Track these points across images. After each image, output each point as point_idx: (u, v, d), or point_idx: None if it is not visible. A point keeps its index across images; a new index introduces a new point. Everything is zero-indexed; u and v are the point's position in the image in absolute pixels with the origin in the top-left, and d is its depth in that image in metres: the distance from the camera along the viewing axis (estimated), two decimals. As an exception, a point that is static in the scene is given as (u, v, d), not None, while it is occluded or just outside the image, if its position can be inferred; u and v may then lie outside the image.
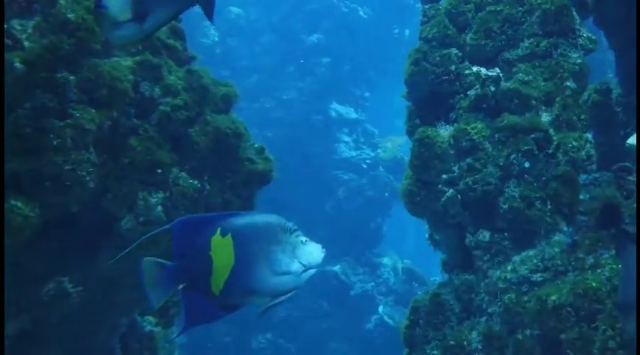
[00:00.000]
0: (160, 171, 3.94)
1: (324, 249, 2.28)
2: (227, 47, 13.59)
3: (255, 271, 2.18)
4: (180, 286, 2.15)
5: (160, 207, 3.96)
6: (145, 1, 2.77)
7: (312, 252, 2.25)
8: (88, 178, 3.55)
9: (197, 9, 2.62)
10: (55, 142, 3.40)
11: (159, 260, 2.14)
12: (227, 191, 4.21)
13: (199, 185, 4.11)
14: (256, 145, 4.44)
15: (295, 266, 2.22)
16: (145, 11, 2.76)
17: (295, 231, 2.24)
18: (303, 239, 2.25)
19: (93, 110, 3.58)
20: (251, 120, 12.18)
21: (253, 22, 13.98)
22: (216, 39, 13.42)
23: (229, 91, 4.44)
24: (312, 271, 2.26)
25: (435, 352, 4.14)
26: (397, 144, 13.37)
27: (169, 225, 2.18)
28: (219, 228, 2.17)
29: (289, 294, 2.24)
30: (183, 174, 4.07)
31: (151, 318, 4.87)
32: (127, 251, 2.93)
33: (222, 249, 2.15)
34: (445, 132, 4.34)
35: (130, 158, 3.80)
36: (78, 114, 3.50)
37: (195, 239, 2.17)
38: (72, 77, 3.50)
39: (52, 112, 3.43)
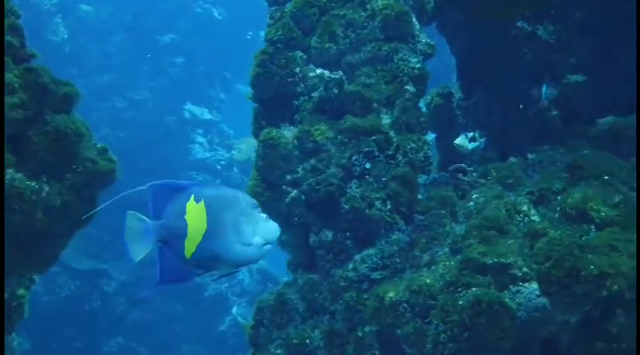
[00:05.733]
0: (-6, 172, 3.79)
1: (279, 229, 2.38)
2: (77, 45, 13.18)
3: (225, 239, 2.26)
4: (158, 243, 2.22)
5: (-6, 210, 3.81)
6: None
7: (271, 229, 2.34)
8: None
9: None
10: None
11: (141, 215, 2.20)
12: (67, 192, 4.07)
13: (37, 186, 3.98)
14: (99, 145, 4.32)
15: (257, 240, 2.31)
16: None
17: (257, 207, 2.33)
18: (264, 215, 2.34)
19: None
20: (103, 120, 11.96)
21: (104, 20, 13.66)
22: (66, 36, 13.01)
23: (70, 91, 4.29)
24: (269, 246, 2.35)
25: (278, 351, 4.18)
26: (252, 146, 13.36)
27: (144, 186, 2.25)
28: (193, 195, 2.24)
29: (248, 265, 2.36)
30: (19, 175, 3.93)
31: (-12, 325, 4.67)
32: (99, 209, 2.92)
33: (196, 215, 2.23)
34: (289, 133, 4.39)
35: (-39, 159, 3.64)
36: None
37: (170, 202, 2.24)
38: None
39: None
